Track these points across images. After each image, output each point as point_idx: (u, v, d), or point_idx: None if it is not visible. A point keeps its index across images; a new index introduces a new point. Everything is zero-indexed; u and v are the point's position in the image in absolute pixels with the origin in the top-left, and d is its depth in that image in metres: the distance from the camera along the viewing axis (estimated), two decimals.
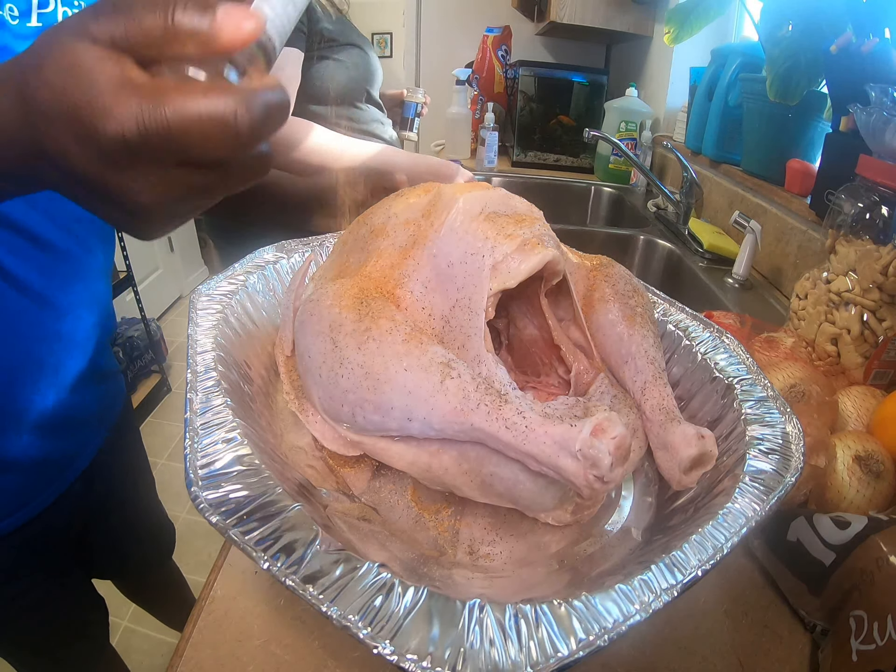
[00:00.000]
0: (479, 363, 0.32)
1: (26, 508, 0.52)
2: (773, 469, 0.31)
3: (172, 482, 1.66)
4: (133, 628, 1.25)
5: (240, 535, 0.24)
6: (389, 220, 0.40)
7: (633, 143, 1.54)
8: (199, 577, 1.31)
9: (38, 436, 0.51)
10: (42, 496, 0.54)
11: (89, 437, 0.60)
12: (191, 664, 0.31)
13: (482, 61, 1.93)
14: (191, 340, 0.35)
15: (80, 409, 0.56)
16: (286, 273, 0.47)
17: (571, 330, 0.40)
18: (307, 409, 0.37)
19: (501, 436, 0.28)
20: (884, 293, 0.53)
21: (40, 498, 0.53)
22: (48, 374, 0.51)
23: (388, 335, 0.32)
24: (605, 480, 0.27)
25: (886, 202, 0.55)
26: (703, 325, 0.45)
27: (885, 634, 0.30)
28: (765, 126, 0.96)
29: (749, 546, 0.41)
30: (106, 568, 0.77)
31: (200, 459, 0.27)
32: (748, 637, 0.36)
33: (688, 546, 0.26)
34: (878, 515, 0.35)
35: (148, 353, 1.97)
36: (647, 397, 0.36)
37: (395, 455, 0.33)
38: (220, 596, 0.35)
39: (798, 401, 0.46)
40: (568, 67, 1.81)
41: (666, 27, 1.16)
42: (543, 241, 0.35)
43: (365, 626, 0.21)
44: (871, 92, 0.56)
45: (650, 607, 0.23)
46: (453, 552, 0.33)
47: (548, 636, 0.22)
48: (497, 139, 1.64)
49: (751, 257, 0.88)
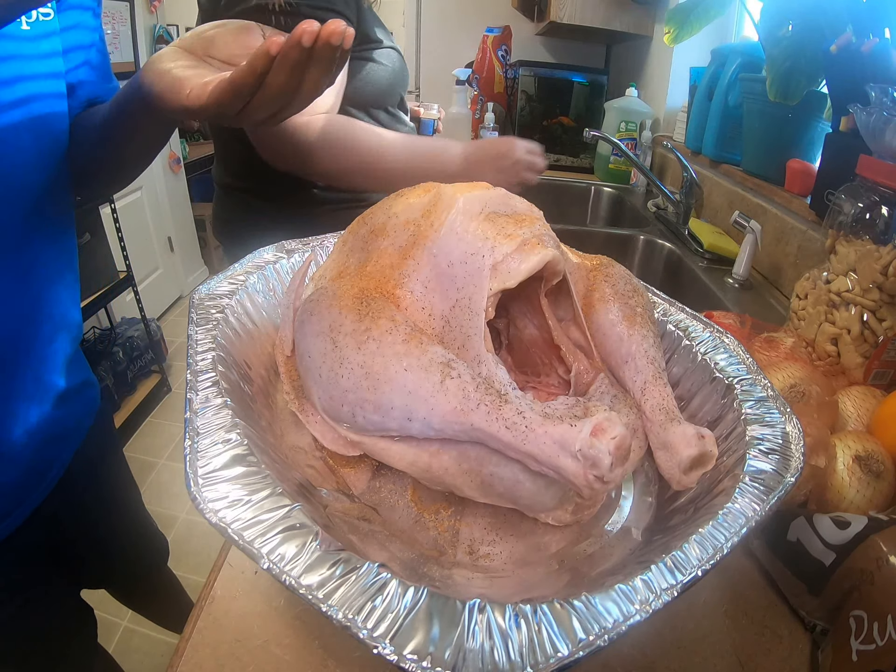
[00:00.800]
0: (479, 363, 0.32)
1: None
2: (773, 469, 0.31)
3: (172, 482, 1.66)
4: (133, 628, 1.25)
5: (240, 535, 0.24)
6: (389, 220, 0.40)
7: (633, 143, 1.54)
8: (199, 577, 1.32)
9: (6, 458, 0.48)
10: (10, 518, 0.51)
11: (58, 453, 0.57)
12: (191, 664, 0.31)
13: (482, 61, 1.94)
14: (191, 340, 0.35)
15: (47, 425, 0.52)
16: (286, 273, 0.47)
17: (571, 330, 0.40)
18: (307, 409, 0.37)
19: (501, 436, 0.28)
20: (884, 293, 0.53)
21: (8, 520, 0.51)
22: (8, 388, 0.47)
23: (388, 335, 0.32)
24: (605, 480, 0.27)
25: (886, 202, 0.55)
26: (703, 325, 0.45)
27: (885, 634, 0.30)
28: (765, 126, 0.97)
29: (749, 546, 0.41)
30: (95, 579, 0.76)
31: (200, 459, 0.27)
32: (748, 637, 0.36)
33: (688, 546, 0.26)
34: (878, 515, 0.35)
35: (148, 353, 1.97)
36: (647, 397, 0.36)
37: (395, 455, 0.33)
38: (220, 596, 0.35)
39: (798, 401, 0.46)
40: (568, 67, 1.81)
41: (666, 27, 1.16)
42: (543, 241, 0.35)
43: (365, 627, 0.21)
44: (871, 92, 0.56)
45: (650, 607, 0.23)
46: (453, 552, 0.33)
47: (548, 636, 0.22)
48: None
49: (751, 257, 0.88)
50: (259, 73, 0.32)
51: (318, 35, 0.31)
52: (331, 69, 0.34)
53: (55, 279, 0.51)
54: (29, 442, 0.50)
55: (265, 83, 0.33)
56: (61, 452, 0.58)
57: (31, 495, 0.54)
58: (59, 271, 0.52)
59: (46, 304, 0.50)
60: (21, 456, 0.50)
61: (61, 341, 0.53)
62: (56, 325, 0.52)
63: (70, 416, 0.58)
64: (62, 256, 0.53)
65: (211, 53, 0.38)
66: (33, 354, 0.50)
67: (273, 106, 0.36)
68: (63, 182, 0.51)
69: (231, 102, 0.34)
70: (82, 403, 0.61)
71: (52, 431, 0.54)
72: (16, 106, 0.43)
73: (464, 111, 1.75)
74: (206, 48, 0.38)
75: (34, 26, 0.44)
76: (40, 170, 0.47)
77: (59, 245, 0.52)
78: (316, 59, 0.32)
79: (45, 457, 0.55)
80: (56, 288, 0.52)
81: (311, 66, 0.33)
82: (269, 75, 0.33)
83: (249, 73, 0.32)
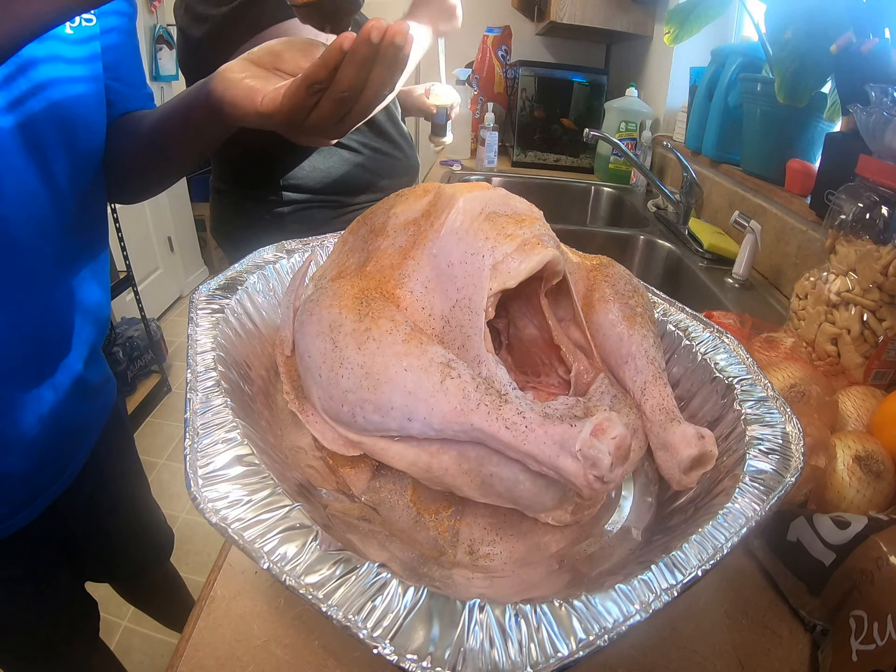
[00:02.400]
0: (479, 363, 0.32)
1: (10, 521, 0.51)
2: (773, 469, 0.31)
3: (172, 482, 1.66)
4: (133, 628, 1.25)
5: (240, 535, 0.24)
6: (389, 220, 0.40)
7: (633, 143, 1.54)
8: (199, 577, 1.32)
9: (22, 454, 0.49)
10: (27, 510, 0.52)
11: (75, 451, 0.58)
12: (191, 664, 0.31)
13: (482, 61, 1.94)
14: (191, 340, 0.35)
15: (66, 422, 0.53)
16: (286, 273, 0.47)
17: (571, 330, 0.40)
18: (307, 409, 0.37)
19: (501, 436, 0.28)
20: (884, 293, 0.53)
21: (25, 512, 0.52)
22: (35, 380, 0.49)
23: (388, 335, 0.32)
24: (605, 480, 0.27)
25: (886, 202, 0.55)
26: (703, 325, 0.45)
27: (885, 634, 0.30)
28: (765, 126, 0.97)
29: (749, 546, 0.41)
30: (99, 572, 0.76)
31: (200, 459, 0.27)
32: (748, 637, 0.36)
33: (688, 546, 0.26)
34: (878, 515, 0.35)
35: (148, 353, 1.97)
36: (647, 397, 0.36)
37: (395, 455, 0.33)
38: (220, 596, 0.35)
39: (798, 401, 0.46)
40: (568, 67, 1.81)
41: (666, 27, 1.16)
42: (543, 241, 0.35)
43: (365, 626, 0.21)
44: (871, 92, 0.56)
45: (650, 607, 0.23)
46: (453, 552, 0.33)
47: (548, 636, 0.22)
48: (497, 139, 1.64)
49: (751, 257, 0.88)
50: (332, 67, 0.34)
51: (385, 33, 0.32)
52: (393, 70, 0.35)
53: (88, 274, 0.53)
54: (52, 434, 0.52)
55: (335, 79, 0.34)
56: (81, 446, 0.59)
57: (49, 489, 0.55)
58: (92, 266, 0.54)
59: (79, 297, 0.52)
60: (43, 448, 0.51)
61: (89, 334, 0.55)
62: (86, 318, 0.54)
63: (92, 410, 0.60)
64: (96, 251, 0.55)
65: (279, 66, 0.39)
66: (65, 346, 0.51)
67: (339, 109, 0.36)
68: (99, 181, 0.52)
69: (303, 101, 0.35)
70: (103, 397, 0.63)
71: (75, 425, 0.56)
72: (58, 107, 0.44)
73: (464, 111, 1.75)
74: (274, 62, 0.39)
75: (77, 31, 0.45)
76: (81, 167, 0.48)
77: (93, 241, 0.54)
78: (381, 56, 0.34)
79: (65, 450, 0.56)
80: (88, 282, 0.53)
81: (375, 65, 0.34)
82: (339, 70, 0.34)
83: (323, 67, 0.34)
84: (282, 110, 0.36)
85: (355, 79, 0.34)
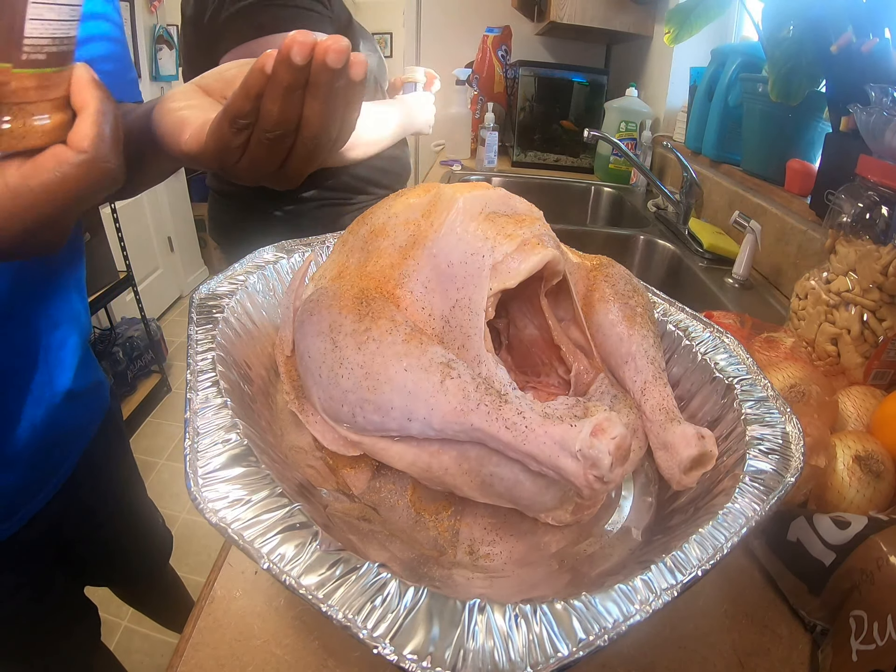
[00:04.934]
0: (479, 363, 0.32)
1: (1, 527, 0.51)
2: (773, 469, 0.31)
3: (172, 482, 1.66)
4: (133, 628, 1.25)
5: (240, 535, 0.24)
6: (389, 220, 0.40)
7: (633, 143, 1.54)
8: (199, 577, 1.32)
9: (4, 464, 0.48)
10: (9, 523, 0.51)
11: (63, 458, 0.57)
12: (191, 664, 0.31)
13: (482, 61, 1.94)
14: (191, 340, 0.35)
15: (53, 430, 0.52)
16: (286, 273, 0.47)
17: (571, 330, 0.40)
18: (307, 409, 0.37)
19: (501, 436, 0.28)
20: (884, 293, 0.53)
21: (11, 520, 0.51)
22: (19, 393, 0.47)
23: (387, 335, 0.32)
24: (605, 480, 0.27)
25: (886, 202, 0.55)
26: (703, 325, 0.45)
27: (885, 634, 0.30)
28: (765, 126, 0.97)
29: (749, 546, 0.41)
30: (97, 576, 0.76)
31: (200, 459, 0.27)
32: (748, 637, 0.36)
33: (688, 546, 0.26)
34: (878, 515, 0.35)
35: (148, 353, 1.97)
36: (647, 397, 0.36)
37: (395, 455, 0.33)
38: (220, 596, 0.35)
39: (798, 401, 0.46)
40: (568, 67, 1.81)
41: (666, 27, 1.16)
42: (543, 241, 0.35)
43: (365, 626, 0.21)
44: (871, 92, 0.56)
45: (650, 607, 0.23)
46: (453, 552, 0.33)
47: (548, 636, 0.22)
48: (497, 139, 1.64)
49: (751, 257, 0.88)
50: (254, 97, 0.27)
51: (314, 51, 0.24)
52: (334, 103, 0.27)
53: (68, 281, 0.52)
54: (39, 444, 0.50)
55: (261, 112, 0.27)
56: (70, 452, 0.58)
57: (38, 495, 0.54)
58: (70, 272, 0.52)
59: (59, 307, 0.50)
60: (30, 457, 0.50)
61: (73, 342, 0.54)
62: (69, 328, 0.52)
63: (82, 416, 0.58)
64: (73, 257, 0.53)
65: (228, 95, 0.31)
66: (48, 358, 0.50)
67: (271, 152, 0.30)
68: None
69: (228, 141, 0.29)
70: (94, 403, 0.62)
71: (62, 432, 0.54)
72: None
73: (464, 111, 1.75)
74: (223, 89, 0.33)
75: None
76: None
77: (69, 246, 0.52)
78: (313, 85, 0.26)
79: (53, 457, 0.55)
80: (68, 290, 0.52)
81: (308, 96, 0.27)
82: (263, 101, 0.27)
83: (243, 97, 0.27)
84: (206, 151, 0.30)
85: (279, 113, 0.27)
